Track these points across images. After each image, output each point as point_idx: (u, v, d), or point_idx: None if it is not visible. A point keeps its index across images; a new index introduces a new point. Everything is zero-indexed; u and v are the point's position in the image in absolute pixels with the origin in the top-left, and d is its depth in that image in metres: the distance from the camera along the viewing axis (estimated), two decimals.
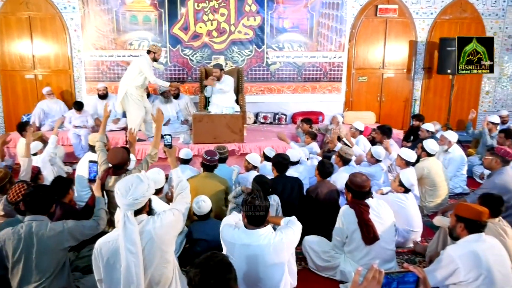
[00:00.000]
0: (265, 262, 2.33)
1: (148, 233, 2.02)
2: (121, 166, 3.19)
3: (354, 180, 2.99)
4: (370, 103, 8.09)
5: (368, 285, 1.16)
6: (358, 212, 2.90)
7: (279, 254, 2.38)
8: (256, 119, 7.51)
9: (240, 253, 2.34)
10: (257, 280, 2.36)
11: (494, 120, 6.12)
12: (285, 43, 7.44)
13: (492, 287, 2.25)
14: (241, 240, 2.36)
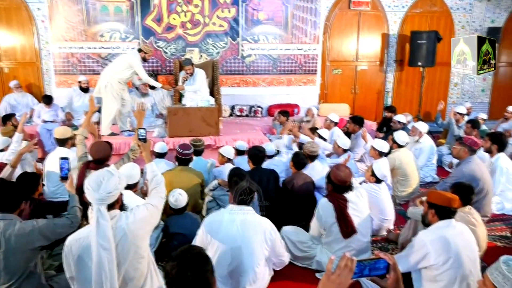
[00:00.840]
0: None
1: (121, 229, 1.98)
2: (102, 161, 3.12)
3: (337, 173, 2.97)
4: (344, 95, 8.21)
5: (341, 273, 1.18)
6: (337, 206, 2.92)
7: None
8: (232, 112, 7.49)
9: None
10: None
11: (461, 111, 6.33)
12: (260, 35, 7.42)
13: (460, 270, 2.34)
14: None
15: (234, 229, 2.51)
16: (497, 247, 3.56)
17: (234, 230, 2.51)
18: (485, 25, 8.44)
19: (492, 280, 1.69)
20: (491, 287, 1.71)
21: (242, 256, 2.51)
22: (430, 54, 7.39)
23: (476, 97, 8.79)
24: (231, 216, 2.56)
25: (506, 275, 1.64)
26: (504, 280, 1.64)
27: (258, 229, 2.55)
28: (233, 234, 2.50)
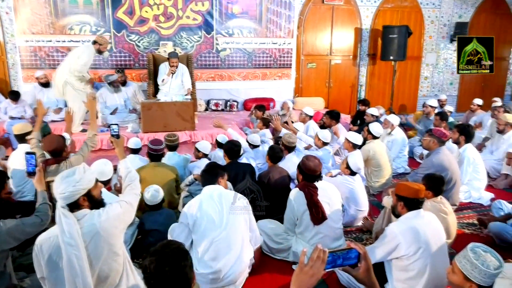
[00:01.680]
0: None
1: (93, 227, 1.94)
2: (58, 153, 3.09)
3: (307, 163, 3.06)
4: (319, 89, 8.29)
5: (314, 264, 1.20)
6: (308, 194, 2.98)
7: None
8: (207, 107, 7.43)
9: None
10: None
11: (432, 103, 6.52)
12: (235, 29, 7.38)
13: (429, 258, 2.42)
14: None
15: (215, 201, 2.65)
16: (465, 234, 3.71)
17: (215, 203, 2.64)
18: (453, 20, 8.70)
19: (460, 267, 1.76)
20: (459, 274, 1.78)
21: (229, 227, 2.63)
22: (401, 48, 7.55)
23: (445, 90, 9.07)
24: (208, 193, 2.70)
25: (473, 262, 1.71)
26: (471, 268, 1.71)
27: (235, 200, 2.72)
28: (214, 208, 2.63)
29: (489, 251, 1.74)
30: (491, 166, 5.17)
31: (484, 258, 1.70)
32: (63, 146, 3.17)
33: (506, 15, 9.00)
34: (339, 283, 2.84)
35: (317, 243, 2.85)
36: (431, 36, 8.72)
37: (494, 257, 1.72)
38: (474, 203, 4.40)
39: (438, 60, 8.94)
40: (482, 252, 1.73)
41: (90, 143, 3.34)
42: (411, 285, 2.45)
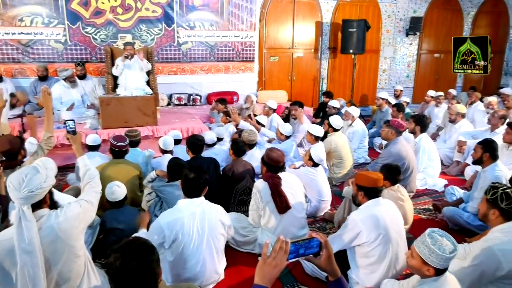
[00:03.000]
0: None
1: (51, 229, 1.86)
2: (13, 155, 2.83)
3: (270, 155, 3.11)
4: (282, 82, 8.36)
5: (277, 255, 1.21)
6: (272, 184, 3.02)
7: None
8: (169, 101, 7.29)
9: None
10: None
11: (383, 96, 6.76)
12: (196, 21, 7.26)
13: (389, 244, 2.53)
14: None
15: (197, 222, 2.47)
16: (422, 220, 3.90)
17: (198, 223, 2.47)
18: (408, 15, 9.03)
19: (419, 252, 1.85)
20: (418, 258, 1.87)
21: (208, 244, 2.53)
22: (360, 41, 7.76)
23: (402, 83, 9.42)
24: (189, 210, 2.48)
25: (431, 248, 1.80)
26: (429, 253, 1.80)
27: (216, 217, 2.57)
28: (197, 227, 2.47)
29: (445, 236, 1.84)
30: (444, 154, 5.45)
31: (440, 243, 1.79)
32: (19, 149, 2.88)
33: (456, 10, 9.46)
34: (305, 272, 2.90)
35: (282, 233, 2.92)
36: (388, 30, 9.01)
37: (449, 241, 1.81)
38: (429, 189, 4.63)
39: (395, 53, 9.26)
40: (438, 237, 1.82)
41: (45, 145, 3.04)
42: (372, 270, 2.55)
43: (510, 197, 2.18)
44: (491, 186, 2.31)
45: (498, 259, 2.07)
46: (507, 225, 2.20)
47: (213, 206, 2.60)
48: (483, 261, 2.12)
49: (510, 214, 2.20)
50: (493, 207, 2.25)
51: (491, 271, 2.10)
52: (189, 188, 2.52)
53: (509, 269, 2.06)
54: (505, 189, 2.22)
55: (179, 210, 2.49)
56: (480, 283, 2.17)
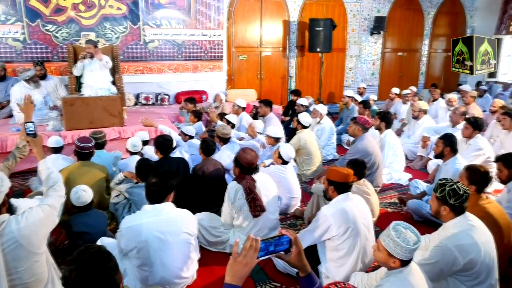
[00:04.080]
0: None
1: (11, 235, 1.78)
2: None
3: (244, 156, 3.06)
4: (251, 81, 8.38)
5: (247, 253, 1.22)
6: (246, 186, 3.00)
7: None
8: (137, 101, 7.14)
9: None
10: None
11: (348, 94, 6.95)
12: (163, 20, 7.14)
13: (358, 237, 2.59)
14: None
15: (158, 230, 2.39)
16: (388, 213, 4.02)
17: (159, 232, 2.39)
18: (372, 14, 9.28)
19: (384, 246, 1.91)
20: (384, 251, 1.92)
21: (173, 251, 2.45)
22: (327, 40, 7.89)
23: (368, 80, 9.68)
24: (150, 217, 2.40)
25: (395, 240, 1.85)
26: (394, 245, 1.86)
27: (181, 227, 2.48)
28: (159, 234, 2.39)
29: (408, 228, 1.91)
30: (409, 149, 5.65)
31: (404, 235, 1.85)
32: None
33: (417, 10, 9.81)
34: (276, 269, 2.93)
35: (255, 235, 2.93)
36: (354, 29, 9.22)
37: (413, 233, 1.88)
38: (395, 183, 4.78)
39: (360, 52, 9.49)
40: (402, 229, 1.88)
41: (18, 153, 2.84)
42: (341, 264, 2.61)
43: (457, 193, 2.24)
44: (438, 183, 2.35)
45: (454, 255, 2.16)
46: (459, 219, 2.28)
47: (178, 213, 2.51)
48: (441, 259, 2.20)
49: (460, 209, 2.27)
50: (443, 204, 2.31)
51: (448, 267, 2.19)
52: (150, 194, 2.44)
53: (464, 263, 2.15)
54: (452, 185, 2.27)
55: (139, 217, 2.41)
56: (440, 278, 2.26)
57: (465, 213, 2.31)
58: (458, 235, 2.22)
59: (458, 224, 2.27)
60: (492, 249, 2.25)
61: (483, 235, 2.25)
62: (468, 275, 2.19)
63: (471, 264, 2.16)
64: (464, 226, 2.25)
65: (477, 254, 2.16)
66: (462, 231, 2.23)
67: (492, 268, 2.23)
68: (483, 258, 2.17)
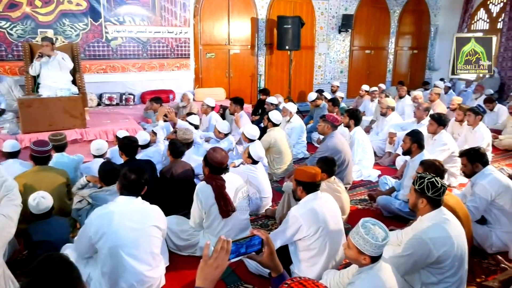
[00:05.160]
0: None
1: None
2: None
3: (213, 156, 3.03)
4: (220, 79, 8.34)
5: (218, 256, 1.21)
6: (215, 187, 2.98)
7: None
8: (100, 101, 6.95)
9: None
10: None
11: (314, 97, 7.00)
12: (126, 16, 6.98)
13: (329, 235, 2.63)
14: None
15: (128, 219, 2.41)
16: (358, 210, 4.11)
17: (129, 221, 2.40)
18: (340, 12, 9.46)
19: (354, 243, 1.95)
20: (354, 249, 1.96)
21: (141, 245, 2.45)
22: (296, 38, 7.98)
23: (337, 78, 9.86)
24: (122, 207, 2.44)
25: (365, 238, 1.90)
26: (364, 242, 1.91)
27: (151, 219, 2.51)
28: (129, 225, 2.40)
29: (377, 224, 1.96)
30: (377, 146, 5.81)
31: (373, 232, 1.90)
32: None
33: (384, 8, 10.10)
34: (248, 270, 2.93)
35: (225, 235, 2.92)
36: (322, 27, 9.37)
37: (381, 229, 1.93)
38: (364, 180, 4.90)
39: (329, 49, 9.66)
40: (371, 226, 1.93)
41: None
42: (313, 263, 2.65)
43: (435, 186, 2.34)
44: (418, 176, 2.46)
45: (428, 247, 2.25)
46: (434, 213, 2.38)
47: (149, 207, 2.55)
48: (415, 251, 2.28)
49: (436, 202, 2.37)
50: (421, 196, 2.40)
51: (422, 259, 2.28)
52: (128, 186, 2.48)
53: (438, 255, 2.24)
54: (430, 178, 2.38)
55: (111, 206, 2.45)
56: (413, 270, 2.35)
57: (441, 207, 2.40)
58: (432, 228, 2.30)
59: (433, 218, 2.36)
60: (464, 242, 2.35)
61: (456, 229, 2.34)
62: (441, 267, 2.28)
63: (445, 256, 2.25)
64: (439, 220, 2.34)
65: (451, 247, 2.25)
66: (436, 224, 2.32)
67: (463, 260, 2.33)
68: (456, 251, 2.26)
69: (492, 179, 3.16)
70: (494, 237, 3.15)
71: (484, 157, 3.29)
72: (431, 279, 2.32)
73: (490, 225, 3.20)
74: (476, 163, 3.27)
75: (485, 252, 3.19)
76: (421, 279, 2.36)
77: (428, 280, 2.33)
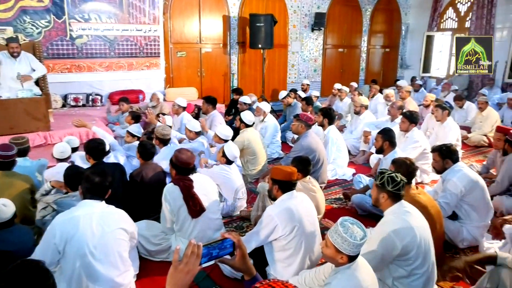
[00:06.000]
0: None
1: None
2: None
3: (179, 156, 3.03)
4: (191, 79, 8.28)
5: (188, 260, 1.20)
6: (183, 187, 2.97)
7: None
8: (65, 102, 6.75)
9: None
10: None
11: (284, 95, 7.09)
12: (92, 13, 6.82)
13: (304, 235, 2.66)
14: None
15: (94, 223, 2.35)
16: (334, 209, 4.18)
17: (95, 224, 2.35)
18: (312, 10, 9.58)
19: (332, 242, 1.97)
20: (332, 248, 1.99)
21: (108, 249, 2.39)
22: (268, 36, 8.02)
23: (311, 77, 9.99)
24: (87, 211, 2.38)
25: (343, 236, 1.93)
26: (342, 241, 1.93)
27: (117, 221, 2.46)
28: (95, 228, 2.34)
29: (355, 223, 2.00)
30: (351, 144, 5.93)
31: (352, 231, 1.93)
32: None
33: (356, 7, 10.31)
34: (223, 274, 2.92)
35: (198, 237, 2.89)
36: (295, 25, 9.46)
37: (359, 228, 1.97)
38: (339, 179, 4.99)
39: (302, 48, 9.76)
40: (350, 225, 1.97)
41: None
42: (289, 263, 2.67)
43: (395, 180, 2.44)
44: (379, 172, 2.56)
45: (392, 239, 2.32)
46: (396, 206, 2.48)
47: (114, 210, 2.51)
48: (381, 245, 2.35)
49: (397, 195, 2.47)
50: (382, 191, 2.49)
51: (388, 253, 2.35)
52: (91, 189, 2.44)
53: (402, 246, 2.32)
54: (390, 173, 2.48)
55: (76, 210, 2.40)
56: (382, 266, 2.41)
57: (401, 200, 2.49)
58: (394, 220, 2.39)
59: (395, 211, 2.45)
60: (428, 234, 2.44)
61: (418, 221, 2.43)
62: (406, 259, 2.36)
63: (409, 247, 2.32)
64: (400, 212, 2.44)
65: (413, 238, 2.33)
66: (397, 216, 2.41)
67: (428, 252, 2.41)
68: (419, 242, 2.34)
69: (462, 175, 3.29)
70: (465, 232, 3.28)
71: (455, 154, 3.42)
72: (401, 272, 2.40)
73: (461, 221, 3.33)
74: (447, 159, 3.39)
75: (457, 247, 3.31)
76: (391, 274, 2.43)
77: (398, 274, 2.40)
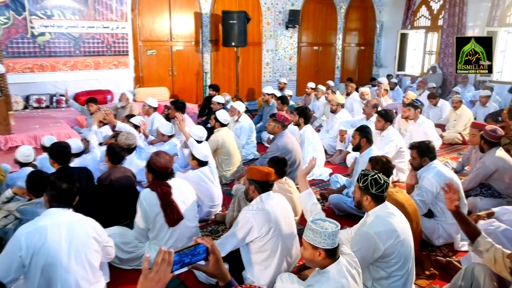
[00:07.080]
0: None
1: None
2: None
3: (157, 160, 2.95)
4: (162, 78, 8.17)
5: (159, 269, 1.18)
6: (161, 194, 2.91)
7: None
8: (27, 104, 6.55)
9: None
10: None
11: (267, 91, 7.12)
12: (54, 9, 6.64)
13: (281, 236, 2.68)
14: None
15: (63, 233, 2.26)
16: None
17: (63, 235, 2.26)
18: (286, 8, 9.65)
19: (307, 240, 1.98)
20: (308, 247, 2.00)
21: (78, 259, 2.31)
22: (242, 34, 8.00)
23: (286, 75, 10.05)
24: (54, 220, 2.28)
25: (314, 229, 1.94)
26: (314, 236, 1.95)
27: (87, 231, 2.38)
28: (64, 238, 2.25)
29: (327, 220, 2.02)
30: (328, 144, 6.00)
31: (322, 225, 1.96)
32: None
33: (330, 4, 10.46)
34: (199, 281, 2.89)
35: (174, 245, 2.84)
36: (269, 22, 9.50)
37: (331, 223, 2.00)
38: (316, 179, 5.03)
39: (277, 46, 9.81)
40: (321, 221, 2.00)
41: None
42: (266, 266, 2.68)
43: (378, 182, 2.46)
44: (361, 174, 2.56)
45: (374, 241, 2.36)
46: (379, 208, 2.51)
47: (83, 218, 2.42)
48: (362, 246, 2.39)
49: (380, 198, 2.50)
50: (365, 194, 2.51)
51: (370, 254, 2.39)
52: (58, 197, 2.34)
53: (384, 248, 2.36)
54: (374, 175, 2.49)
55: (43, 219, 2.28)
56: (362, 267, 2.43)
57: (385, 202, 2.52)
58: (377, 222, 2.42)
59: (378, 212, 2.48)
60: (410, 236, 2.49)
61: (401, 222, 2.48)
62: (388, 261, 2.40)
63: (391, 250, 2.37)
64: (384, 214, 2.47)
65: (396, 240, 2.37)
66: (381, 218, 2.44)
67: (409, 254, 2.47)
68: (402, 244, 2.39)
69: (437, 172, 3.38)
70: (441, 230, 3.37)
71: (433, 152, 3.52)
72: (381, 274, 2.44)
73: (436, 218, 3.42)
74: (425, 157, 3.49)
75: (433, 245, 3.41)
76: (371, 275, 2.47)
77: (378, 275, 2.45)
